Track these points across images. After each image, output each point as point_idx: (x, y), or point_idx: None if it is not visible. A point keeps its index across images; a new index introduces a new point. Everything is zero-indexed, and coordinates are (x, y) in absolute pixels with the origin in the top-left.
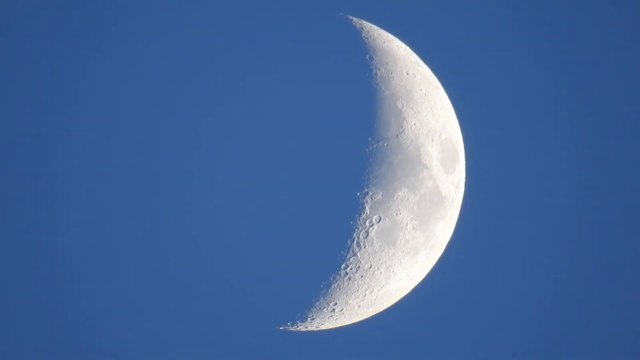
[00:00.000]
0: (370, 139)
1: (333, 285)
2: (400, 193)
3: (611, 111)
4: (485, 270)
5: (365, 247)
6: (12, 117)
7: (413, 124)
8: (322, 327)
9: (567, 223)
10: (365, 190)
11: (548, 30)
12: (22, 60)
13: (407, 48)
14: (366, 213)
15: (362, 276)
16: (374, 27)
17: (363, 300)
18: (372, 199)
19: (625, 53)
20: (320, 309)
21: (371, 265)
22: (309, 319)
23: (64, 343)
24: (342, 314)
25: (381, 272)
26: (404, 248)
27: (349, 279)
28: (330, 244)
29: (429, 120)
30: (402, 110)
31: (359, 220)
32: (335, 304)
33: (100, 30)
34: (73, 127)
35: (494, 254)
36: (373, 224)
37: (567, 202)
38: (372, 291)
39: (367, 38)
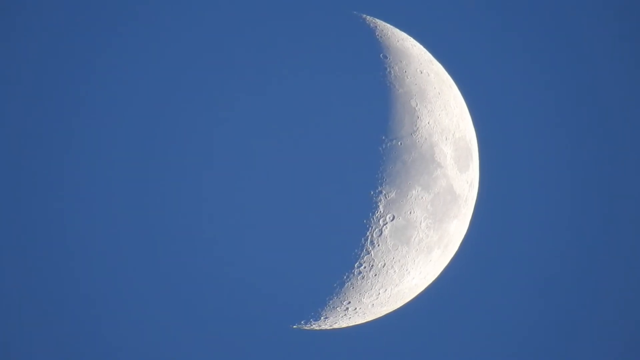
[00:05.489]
0: (384, 137)
1: (347, 284)
2: (414, 192)
3: (628, 110)
4: (499, 268)
5: (379, 245)
6: (29, 118)
7: (427, 122)
8: (336, 326)
9: (581, 222)
10: (379, 188)
11: (562, 29)
12: (31, 62)
13: (421, 47)
14: (380, 212)
15: (375, 275)
16: (388, 25)
17: (377, 299)
18: (385, 197)
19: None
20: (333, 307)
21: (385, 264)
22: (322, 318)
23: (73, 342)
24: (356, 312)
25: (395, 271)
26: (418, 247)
27: (363, 278)
28: (344, 243)
29: (442, 118)
30: (416, 108)
31: (373, 219)
32: (349, 302)
33: (115, 32)
34: (82, 129)
35: (508, 252)
36: (387, 223)
37: (581, 201)
38: (385, 290)
39: (381, 37)
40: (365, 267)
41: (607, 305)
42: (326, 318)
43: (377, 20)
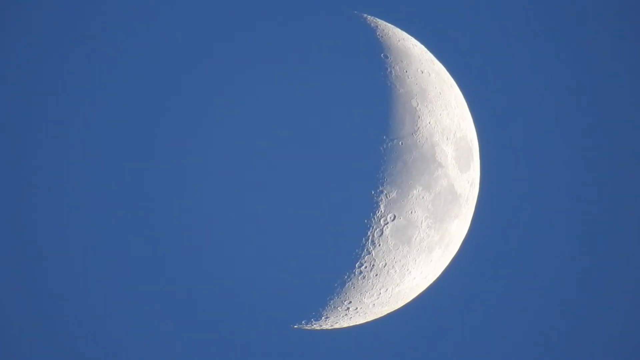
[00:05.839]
0: (385, 137)
1: (347, 284)
2: (414, 191)
3: (628, 110)
4: (500, 268)
5: (379, 245)
6: (30, 120)
7: (428, 122)
8: (337, 326)
9: (582, 221)
10: (380, 188)
11: (563, 29)
12: (31, 62)
13: (422, 46)
14: (381, 211)
15: (376, 275)
16: (389, 25)
17: (377, 298)
18: (386, 197)
19: None
20: (334, 307)
21: (386, 264)
22: (323, 318)
23: (75, 341)
24: (357, 312)
25: (396, 271)
26: (419, 246)
27: (364, 278)
28: (344, 243)
29: (443, 118)
30: (417, 108)
31: (374, 219)
32: (350, 302)
33: (115, 33)
34: (82, 130)
35: (509, 252)
36: (388, 223)
37: (582, 200)
38: (386, 290)
39: (382, 36)
40: (366, 267)
41: (607, 305)
42: (327, 318)
43: (378, 20)
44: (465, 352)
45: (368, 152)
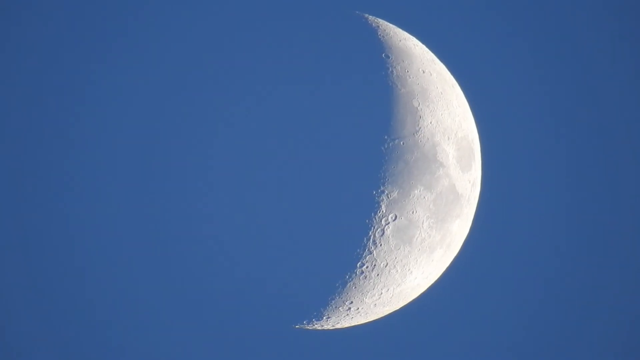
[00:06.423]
0: (386, 137)
1: (349, 284)
2: (416, 191)
3: (629, 110)
4: (501, 268)
5: (381, 245)
6: (31, 121)
7: (429, 122)
8: (338, 326)
9: (584, 221)
10: (382, 188)
11: (564, 29)
12: (33, 63)
13: (423, 46)
14: (382, 211)
15: (378, 275)
16: (390, 25)
17: (379, 298)
18: (388, 197)
19: None
20: (336, 307)
21: (387, 264)
22: (324, 318)
23: (76, 343)
24: (358, 312)
25: (397, 271)
26: (420, 246)
27: (365, 278)
28: (346, 242)
29: (445, 118)
30: (418, 108)
31: (375, 219)
32: (351, 302)
33: (119, 34)
34: (83, 130)
35: (510, 252)
36: (389, 222)
37: (583, 200)
38: (388, 290)
39: (383, 36)
40: (367, 267)
41: (607, 305)
42: (328, 318)
43: (379, 20)
44: (465, 352)
45: (369, 152)
